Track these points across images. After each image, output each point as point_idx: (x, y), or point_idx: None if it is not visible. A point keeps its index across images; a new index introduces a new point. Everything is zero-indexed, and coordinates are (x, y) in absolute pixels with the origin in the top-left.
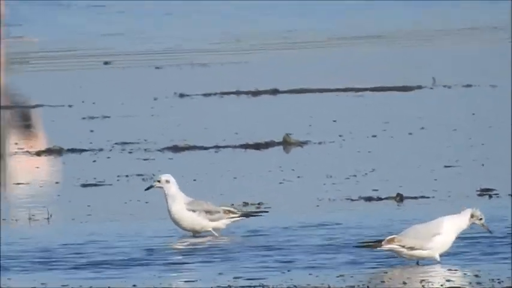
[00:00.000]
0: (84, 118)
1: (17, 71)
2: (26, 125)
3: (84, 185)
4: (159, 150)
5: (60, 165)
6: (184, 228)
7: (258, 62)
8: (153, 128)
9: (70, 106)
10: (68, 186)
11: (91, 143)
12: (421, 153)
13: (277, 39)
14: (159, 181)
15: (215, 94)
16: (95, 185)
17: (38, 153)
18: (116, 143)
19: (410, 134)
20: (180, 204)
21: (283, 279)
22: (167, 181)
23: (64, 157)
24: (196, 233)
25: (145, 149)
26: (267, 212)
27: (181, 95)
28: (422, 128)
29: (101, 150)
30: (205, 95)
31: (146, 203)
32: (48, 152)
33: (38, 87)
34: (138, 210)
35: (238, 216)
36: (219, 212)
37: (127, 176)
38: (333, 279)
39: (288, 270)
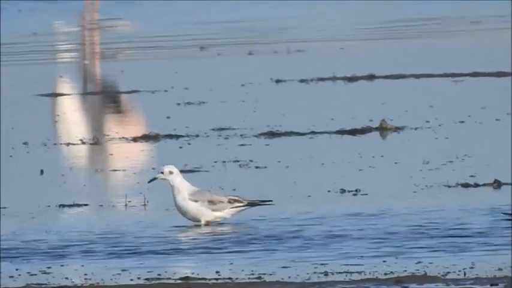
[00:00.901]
0: (179, 104)
1: (114, 59)
2: (122, 111)
3: (180, 171)
4: (255, 136)
5: (156, 151)
6: (189, 219)
7: (354, 48)
8: (249, 113)
9: (166, 91)
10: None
11: (187, 128)
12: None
13: (373, 24)
14: (162, 173)
15: (311, 80)
16: (192, 171)
17: (135, 139)
18: (212, 129)
19: (497, 120)
20: (184, 195)
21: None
22: (171, 172)
23: (161, 143)
24: (205, 223)
25: (241, 135)
26: (271, 201)
27: (278, 81)
28: (508, 113)
29: (197, 136)
30: (301, 80)
31: (242, 189)
32: (145, 138)
33: (135, 74)
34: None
35: (244, 206)
36: (222, 201)
37: (223, 162)
38: (412, 266)
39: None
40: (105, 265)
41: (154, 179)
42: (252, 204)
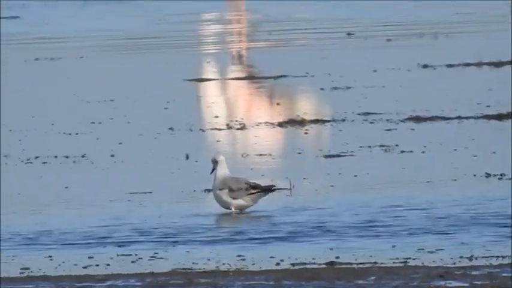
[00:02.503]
0: (322, 89)
1: (262, 45)
2: (269, 96)
3: (326, 156)
4: (401, 121)
5: (302, 136)
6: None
7: (500, 33)
8: (396, 98)
9: (312, 76)
10: (311, 157)
11: (334, 112)
12: None
13: None
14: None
15: (458, 65)
16: (338, 155)
17: (280, 124)
18: (358, 114)
19: None
20: (215, 183)
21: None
22: (215, 161)
23: (306, 128)
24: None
25: (387, 120)
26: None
27: (425, 66)
28: None
29: (343, 120)
30: (448, 65)
31: (385, 173)
32: (291, 122)
33: (283, 59)
34: (379, 181)
35: (258, 192)
36: (241, 189)
37: (369, 146)
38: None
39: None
40: (227, 251)
41: (214, 170)
42: (266, 190)
